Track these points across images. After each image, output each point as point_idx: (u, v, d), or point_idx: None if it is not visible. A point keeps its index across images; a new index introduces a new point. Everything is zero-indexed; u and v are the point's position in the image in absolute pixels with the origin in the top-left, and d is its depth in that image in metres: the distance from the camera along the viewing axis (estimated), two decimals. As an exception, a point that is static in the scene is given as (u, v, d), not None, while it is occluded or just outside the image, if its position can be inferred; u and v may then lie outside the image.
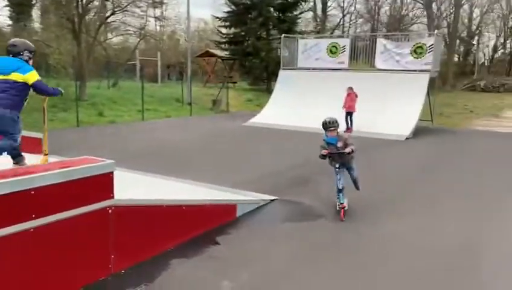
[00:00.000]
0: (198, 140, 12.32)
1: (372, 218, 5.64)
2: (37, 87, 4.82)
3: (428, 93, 15.08)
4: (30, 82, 4.72)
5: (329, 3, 46.33)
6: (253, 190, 6.55)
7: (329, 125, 5.55)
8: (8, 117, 4.60)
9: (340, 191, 5.63)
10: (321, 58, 17.07)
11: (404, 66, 15.21)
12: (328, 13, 46.75)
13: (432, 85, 15.82)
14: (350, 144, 5.49)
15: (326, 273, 4.06)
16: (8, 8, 36.21)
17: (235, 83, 31.80)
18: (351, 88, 13.73)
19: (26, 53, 4.93)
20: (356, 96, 13.68)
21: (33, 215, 3.15)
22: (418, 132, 13.74)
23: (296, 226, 5.33)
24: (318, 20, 41.31)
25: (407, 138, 12.85)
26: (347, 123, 13.49)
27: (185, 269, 4.04)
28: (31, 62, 4.98)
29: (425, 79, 14.50)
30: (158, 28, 46.92)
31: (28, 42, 5.17)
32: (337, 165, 5.64)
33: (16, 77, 4.65)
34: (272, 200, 6.22)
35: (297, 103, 15.83)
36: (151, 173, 7.40)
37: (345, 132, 12.46)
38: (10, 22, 34.90)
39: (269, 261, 4.29)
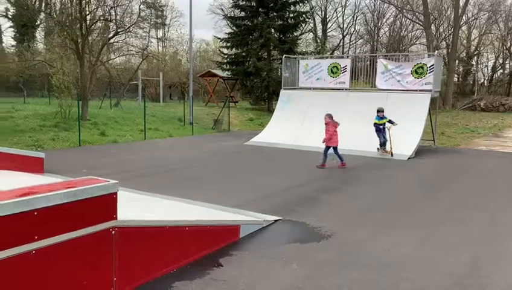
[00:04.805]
0: (200, 159, 12.29)
1: (376, 238, 5.57)
2: None
3: (429, 113, 15.12)
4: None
5: (329, 25, 47.06)
6: (256, 210, 6.51)
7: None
8: None
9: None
10: (322, 78, 17.18)
11: (405, 86, 15.29)
12: (328, 34, 47.44)
13: (433, 105, 15.88)
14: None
15: (332, 296, 3.98)
16: (12, 29, 36.81)
17: (236, 102, 32.00)
18: (329, 115, 10.91)
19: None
20: (336, 126, 10.84)
21: (35, 237, 3.10)
22: (421, 151, 13.72)
23: (300, 247, 5.25)
24: (318, 41, 41.81)
25: (409, 158, 12.81)
26: (326, 157, 10.93)
27: (188, 292, 3.96)
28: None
29: (426, 99, 14.55)
30: (160, 48, 47.56)
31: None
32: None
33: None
34: (276, 220, 6.15)
35: (299, 122, 15.88)
36: (154, 193, 7.36)
37: (323, 163, 10.81)
38: (14, 43, 35.42)
39: (273, 284, 4.21)
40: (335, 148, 10.95)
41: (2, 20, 37.23)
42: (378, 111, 12.96)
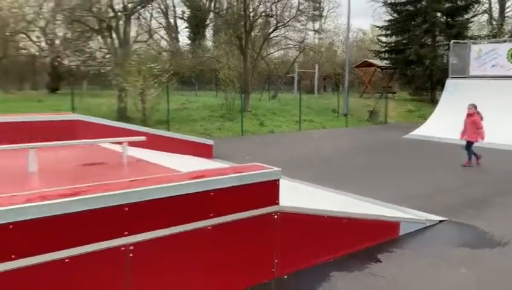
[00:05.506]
0: (355, 151, 12.08)
1: None
2: None
3: None
4: None
5: (508, 4, 41.02)
6: (416, 208, 6.11)
7: None
8: None
9: None
10: (499, 64, 15.16)
11: None
12: (507, 15, 41.35)
13: None
14: None
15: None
16: (187, 29, 41.55)
17: (394, 93, 30.41)
18: (473, 106, 9.75)
19: None
20: (481, 118, 9.62)
21: (211, 215, 3.46)
22: None
23: (470, 252, 4.75)
24: (494, 23, 36.81)
25: None
26: (471, 155, 9.75)
27: (346, 283, 3.94)
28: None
29: None
30: (316, 40, 48.02)
31: None
32: None
33: None
34: (440, 221, 5.68)
35: (468, 115, 14.31)
36: (310, 183, 7.52)
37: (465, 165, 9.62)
38: (188, 42, 39.94)
39: (437, 286, 3.90)
40: (470, 144, 9.70)
41: (179, 21, 42.19)
42: None
